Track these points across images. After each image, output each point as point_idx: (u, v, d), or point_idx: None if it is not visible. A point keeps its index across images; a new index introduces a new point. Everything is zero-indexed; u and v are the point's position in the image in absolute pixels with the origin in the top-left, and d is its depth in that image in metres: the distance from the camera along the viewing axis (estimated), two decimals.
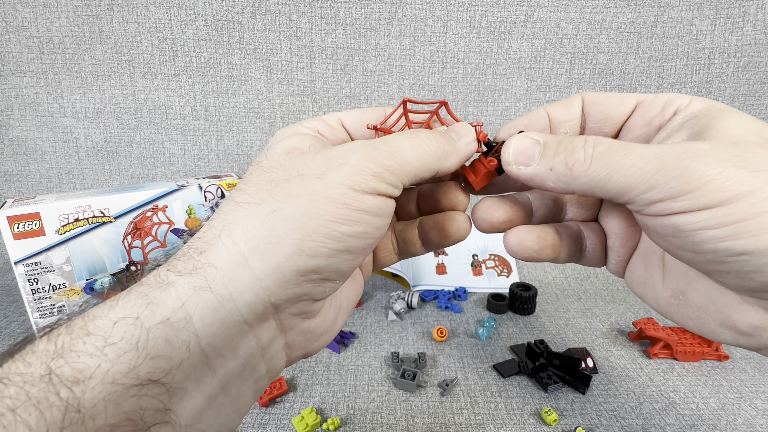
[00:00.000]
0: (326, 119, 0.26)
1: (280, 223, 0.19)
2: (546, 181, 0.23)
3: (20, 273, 0.49)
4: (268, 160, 0.22)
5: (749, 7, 0.76)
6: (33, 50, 0.76)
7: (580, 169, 0.21)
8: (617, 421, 0.44)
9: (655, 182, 0.19)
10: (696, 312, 0.22)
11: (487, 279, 0.73)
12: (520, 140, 0.24)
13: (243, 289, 0.19)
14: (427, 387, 0.48)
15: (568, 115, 0.26)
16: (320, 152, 0.21)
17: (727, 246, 0.18)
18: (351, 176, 0.20)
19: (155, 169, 0.81)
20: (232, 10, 0.75)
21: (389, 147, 0.22)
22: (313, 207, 0.19)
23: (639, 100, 0.25)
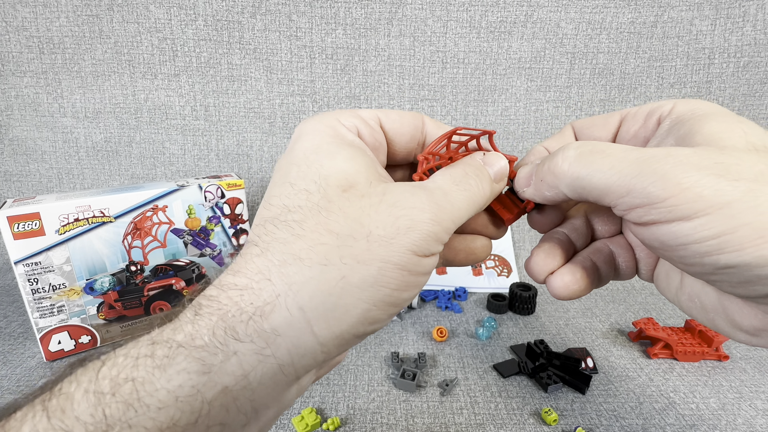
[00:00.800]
0: (365, 116, 0.24)
1: (349, 292, 0.19)
2: (543, 192, 0.23)
3: (20, 273, 0.49)
4: (321, 195, 0.20)
5: (749, 7, 0.76)
6: (33, 50, 0.76)
7: (559, 171, 0.22)
8: (617, 421, 0.44)
9: (632, 186, 0.19)
10: (710, 314, 0.23)
11: (487, 279, 0.73)
12: (523, 169, 0.26)
13: (304, 354, 0.19)
14: (427, 387, 0.48)
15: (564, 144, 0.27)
16: (384, 201, 0.20)
17: (712, 261, 0.17)
18: (418, 242, 0.20)
19: (155, 169, 0.81)
20: (232, 10, 0.75)
21: (451, 206, 0.21)
22: (382, 277, 0.19)
23: (623, 115, 0.26)
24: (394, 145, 0.26)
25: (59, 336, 0.52)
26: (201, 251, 0.60)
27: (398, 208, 0.20)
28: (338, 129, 0.23)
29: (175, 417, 0.16)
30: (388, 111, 0.25)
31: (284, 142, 0.82)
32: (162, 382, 0.16)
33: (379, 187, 0.21)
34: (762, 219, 0.16)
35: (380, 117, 0.25)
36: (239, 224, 0.62)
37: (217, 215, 0.60)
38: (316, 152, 0.21)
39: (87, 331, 0.54)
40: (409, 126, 0.25)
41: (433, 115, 0.81)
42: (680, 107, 0.23)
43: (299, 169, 0.21)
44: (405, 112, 0.26)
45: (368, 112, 0.25)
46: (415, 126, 0.26)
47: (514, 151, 0.83)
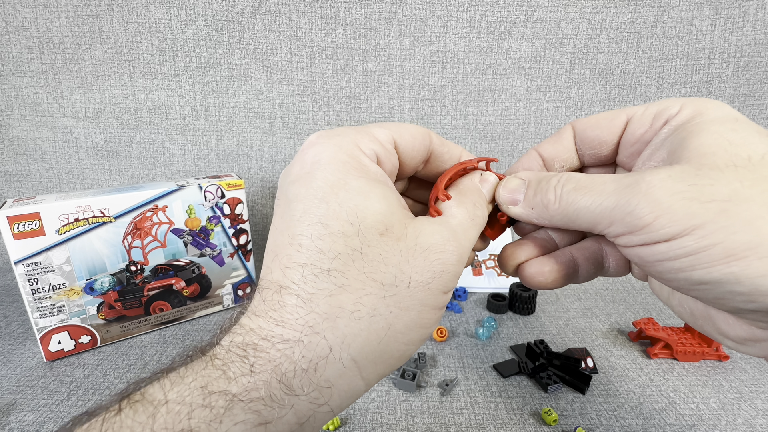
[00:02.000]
0: (382, 139, 0.23)
1: (394, 338, 0.20)
2: (531, 219, 0.24)
3: (20, 273, 0.49)
4: (360, 238, 0.20)
5: (749, 7, 0.76)
6: (33, 50, 0.76)
7: (552, 209, 0.23)
8: (617, 421, 0.44)
9: (614, 218, 0.20)
10: (699, 320, 0.23)
11: (487, 279, 0.73)
12: (509, 181, 0.26)
13: (353, 397, 0.20)
14: (427, 387, 0.48)
15: (560, 149, 0.27)
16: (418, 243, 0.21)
17: (685, 276, 0.18)
18: (448, 283, 0.21)
19: (155, 169, 0.81)
20: (232, 10, 0.75)
21: (469, 242, 0.23)
22: (422, 318, 0.21)
23: (629, 115, 0.25)
24: (404, 166, 0.26)
25: (59, 336, 0.52)
26: (201, 251, 0.60)
27: (431, 252, 0.21)
28: (361, 159, 0.22)
29: None
30: (401, 129, 0.25)
31: (284, 142, 0.82)
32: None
33: (411, 229, 0.21)
34: (733, 239, 0.17)
35: (395, 138, 0.24)
36: (239, 224, 0.62)
37: (217, 215, 0.60)
38: (345, 189, 0.20)
39: (87, 331, 0.54)
40: (421, 146, 0.26)
41: (433, 115, 0.81)
42: (686, 111, 0.22)
43: (329, 207, 0.20)
44: (416, 129, 0.25)
45: (383, 132, 0.24)
46: (424, 145, 0.26)
47: (514, 152, 0.83)
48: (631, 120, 0.25)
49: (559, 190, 0.22)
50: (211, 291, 0.62)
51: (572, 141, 0.27)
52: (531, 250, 0.27)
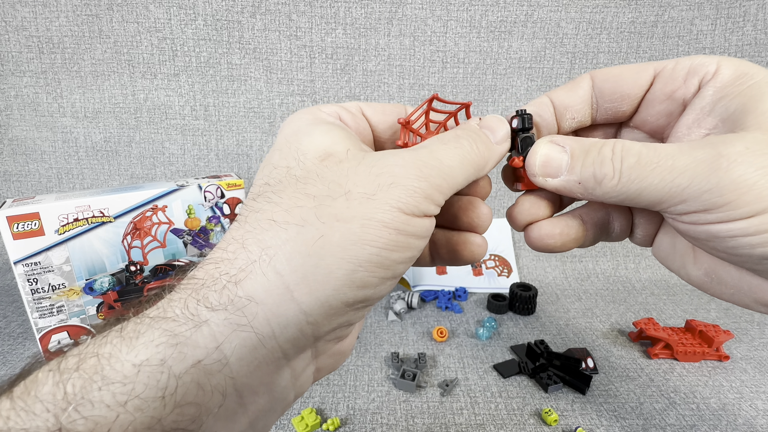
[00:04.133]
0: (347, 106, 0.24)
1: (329, 251, 0.17)
2: (574, 193, 0.22)
3: (20, 273, 0.49)
4: (300, 167, 0.20)
5: (750, 6, 0.75)
6: (32, 50, 0.76)
7: (609, 185, 0.20)
8: (617, 421, 0.44)
9: (687, 196, 0.18)
10: (730, 289, 0.22)
11: (487, 279, 0.73)
12: (546, 149, 0.23)
13: (287, 325, 0.17)
14: (427, 387, 0.48)
15: (574, 98, 0.25)
16: (363, 163, 0.19)
17: (763, 251, 0.17)
18: (403, 198, 0.18)
19: (155, 169, 0.81)
20: (232, 10, 0.75)
21: (439, 162, 0.20)
22: (365, 233, 0.18)
23: (657, 69, 0.23)
24: (378, 133, 0.25)
25: (59, 336, 0.52)
26: (201, 251, 0.60)
27: (378, 167, 0.19)
28: (318, 114, 0.22)
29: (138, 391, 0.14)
30: (370, 102, 0.25)
31: None
32: (128, 356, 0.15)
33: (359, 154, 0.20)
34: None
35: (362, 106, 0.24)
36: None
37: (216, 215, 0.60)
38: (296, 134, 0.21)
39: (87, 331, 0.54)
40: (392, 114, 0.25)
41: None
42: (725, 71, 0.21)
43: (281, 153, 0.21)
44: (386, 104, 0.25)
45: (350, 102, 0.24)
46: (397, 113, 0.25)
47: None
48: (659, 75, 0.23)
49: (618, 164, 0.20)
50: None
51: (589, 92, 0.25)
52: (545, 209, 0.25)
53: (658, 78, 0.23)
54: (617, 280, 0.74)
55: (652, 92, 0.23)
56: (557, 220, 0.25)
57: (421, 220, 0.19)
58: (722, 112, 0.20)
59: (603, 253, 0.79)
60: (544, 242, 0.24)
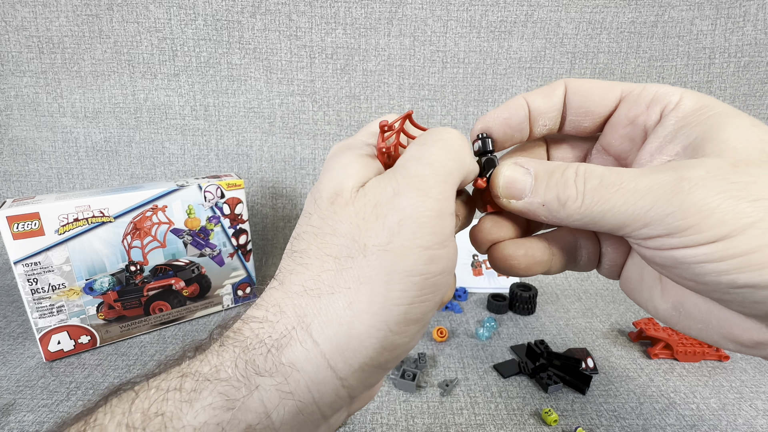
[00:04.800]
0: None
1: (359, 319, 0.17)
2: (538, 215, 0.22)
3: (20, 273, 0.49)
4: (316, 213, 0.19)
5: (750, 6, 0.75)
6: (32, 50, 0.76)
7: (572, 207, 0.20)
8: (617, 421, 0.44)
9: (649, 219, 0.18)
10: (698, 324, 0.22)
11: (487, 279, 0.73)
12: (510, 171, 0.22)
13: (325, 392, 0.18)
14: (427, 387, 0.48)
15: (549, 104, 0.24)
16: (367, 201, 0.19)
17: (730, 279, 0.17)
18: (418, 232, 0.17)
19: (155, 169, 0.81)
20: (232, 10, 0.75)
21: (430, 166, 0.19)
22: (391, 292, 0.17)
23: (624, 93, 0.23)
24: None
25: (59, 336, 0.52)
26: (201, 251, 0.60)
27: (382, 204, 0.18)
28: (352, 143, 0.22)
29: None
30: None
31: (284, 142, 0.82)
32: (188, 419, 0.16)
33: (362, 189, 0.19)
34: None
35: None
36: (239, 224, 0.62)
37: (216, 215, 0.60)
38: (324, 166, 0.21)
39: (86, 331, 0.54)
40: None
41: (433, 115, 0.81)
42: (687, 102, 0.21)
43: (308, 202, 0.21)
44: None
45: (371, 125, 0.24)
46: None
47: None
48: (625, 98, 0.23)
49: (581, 186, 0.20)
50: (210, 291, 0.62)
51: (562, 100, 0.24)
52: (507, 230, 0.25)
53: (623, 101, 0.23)
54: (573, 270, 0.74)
55: (617, 115, 0.23)
56: (521, 241, 0.24)
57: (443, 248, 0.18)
58: (684, 140, 0.20)
59: None
60: (507, 263, 0.24)
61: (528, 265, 0.24)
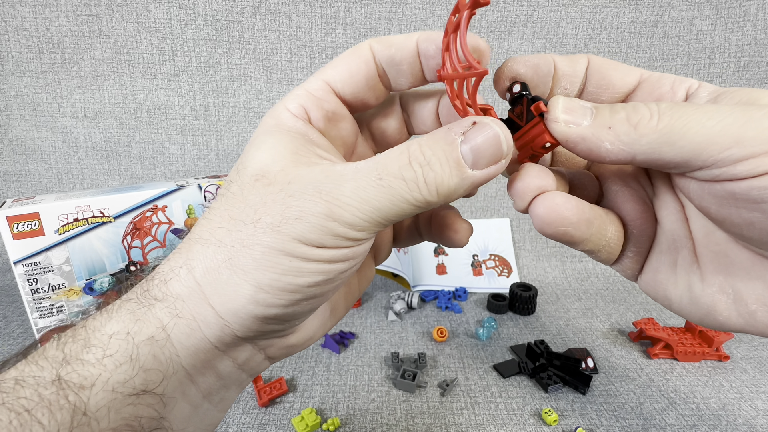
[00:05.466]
0: (312, 89, 0.23)
1: (235, 272, 0.19)
2: (602, 142, 0.19)
3: (20, 273, 0.49)
4: (237, 184, 0.21)
5: (750, 6, 0.75)
6: (32, 50, 0.76)
7: (647, 125, 0.18)
8: (617, 421, 0.44)
9: (742, 134, 0.16)
10: (753, 305, 0.19)
11: (487, 279, 0.73)
12: (570, 101, 0.20)
13: (208, 323, 0.19)
14: (427, 387, 0.48)
15: (573, 70, 0.23)
16: (286, 189, 0.19)
17: None
18: (306, 234, 0.19)
19: (155, 168, 0.81)
20: (232, 10, 0.75)
21: (358, 204, 0.19)
22: (265, 259, 0.19)
23: (643, 76, 0.22)
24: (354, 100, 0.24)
25: None
26: None
27: (294, 198, 0.19)
28: (281, 118, 0.22)
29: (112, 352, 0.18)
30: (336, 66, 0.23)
31: None
32: (105, 328, 0.19)
33: (290, 175, 0.20)
34: None
35: (328, 81, 0.23)
36: None
37: None
38: (252, 143, 0.22)
39: None
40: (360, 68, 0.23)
41: None
42: (708, 87, 0.21)
43: (236, 164, 0.22)
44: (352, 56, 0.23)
45: (314, 80, 0.23)
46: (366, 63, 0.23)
47: None
48: (646, 80, 0.22)
49: (654, 107, 0.18)
50: None
51: (584, 71, 0.23)
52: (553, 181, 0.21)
53: (644, 83, 0.22)
54: (617, 280, 0.74)
55: (639, 94, 0.22)
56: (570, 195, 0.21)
57: (324, 251, 0.19)
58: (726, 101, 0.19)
59: None
60: (560, 213, 0.20)
61: (579, 220, 0.20)
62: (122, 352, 0.18)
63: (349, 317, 0.62)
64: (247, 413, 0.44)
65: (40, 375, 0.17)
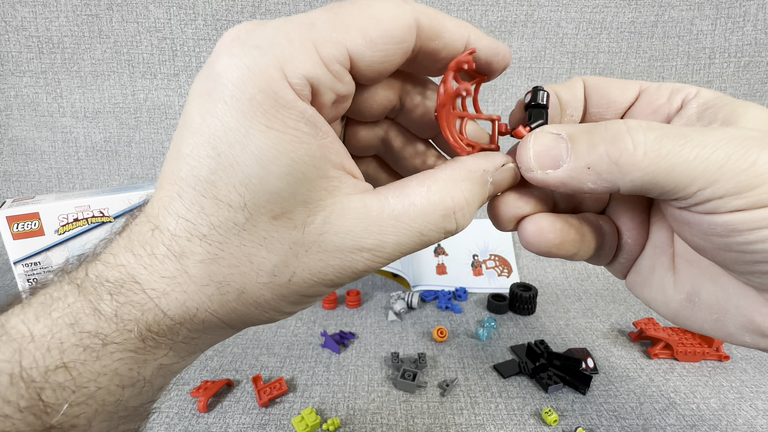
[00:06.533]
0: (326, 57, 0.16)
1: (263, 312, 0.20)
2: (584, 183, 0.18)
3: (19, 273, 0.49)
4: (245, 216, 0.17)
5: (750, 6, 0.75)
6: (32, 50, 0.76)
7: (630, 162, 0.17)
8: (618, 421, 0.44)
9: (720, 175, 0.16)
10: (714, 314, 0.21)
11: (487, 279, 0.73)
12: (539, 138, 0.20)
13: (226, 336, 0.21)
14: (427, 387, 0.48)
15: (572, 96, 0.23)
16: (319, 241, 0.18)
17: None
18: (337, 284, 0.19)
19: (155, 168, 0.81)
20: (232, 10, 0.75)
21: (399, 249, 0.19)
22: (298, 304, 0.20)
23: (642, 87, 0.23)
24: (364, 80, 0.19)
25: None
26: None
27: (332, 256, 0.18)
28: (280, 96, 0.16)
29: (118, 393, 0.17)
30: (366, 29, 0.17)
31: None
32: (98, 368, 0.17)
33: (318, 221, 0.17)
34: None
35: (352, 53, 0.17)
36: None
37: None
38: (243, 146, 0.16)
39: None
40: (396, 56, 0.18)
41: None
42: (706, 94, 0.21)
43: (219, 163, 0.16)
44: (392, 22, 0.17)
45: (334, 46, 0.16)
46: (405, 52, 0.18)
47: None
48: (645, 91, 0.23)
49: (640, 137, 0.17)
50: None
51: (583, 93, 0.23)
52: (535, 204, 0.22)
53: (643, 94, 0.23)
54: (617, 280, 0.74)
55: (637, 106, 0.23)
56: (555, 216, 0.22)
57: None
58: (709, 118, 0.20)
59: None
60: (545, 237, 0.21)
61: (562, 242, 0.21)
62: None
63: (349, 317, 0.62)
64: (247, 413, 0.44)
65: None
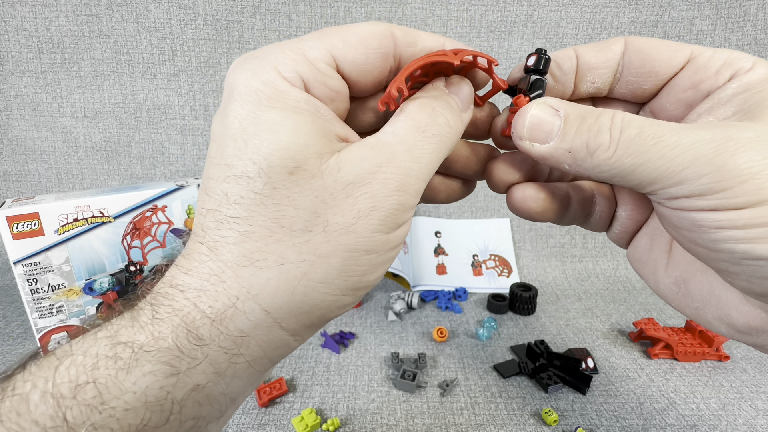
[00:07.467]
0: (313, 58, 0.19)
1: (313, 288, 0.18)
2: (561, 163, 0.20)
3: (19, 273, 0.49)
4: (263, 181, 0.17)
5: (750, 6, 0.75)
6: (32, 50, 0.76)
7: (602, 157, 0.18)
8: (618, 421, 0.44)
9: (684, 177, 0.17)
10: (695, 303, 0.21)
11: (487, 279, 0.73)
12: (538, 110, 0.20)
13: (278, 347, 0.19)
14: (427, 387, 0.48)
15: (602, 59, 0.22)
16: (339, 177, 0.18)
17: (745, 249, 0.16)
18: (385, 220, 0.18)
19: (154, 168, 0.81)
20: (232, 10, 0.75)
21: (418, 164, 0.19)
22: (350, 266, 0.18)
23: (694, 54, 0.21)
24: (357, 84, 0.21)
25: (58, 336, 0.52)
26: None
27: (356, 186, 0.18)
28: (278, 86, 0.18)
29: (146, 418, 0.16)
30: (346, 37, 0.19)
31: None
32: (127, 385, 0.16)
33: (332, 162, 0.18)
34: None
35: (335, 55, 0.19)
36: None
37: None
38: (254, 123, 0.18)
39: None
40: (376, 57, 0.20)
41: None
42: (759, 70, 0.20)
43: (236, 145, 0.18)
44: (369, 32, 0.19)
45: (317, 48, 0.19)
46: (381, 54, 0.20)
47: None
48: (693, 61, 0.21)
49: (616, 134, 0.18)
50: None
51: (619, 57, 0.22)
52: (525, 172, 0.24)
53: (690, 63, 0.21)
54: (617, 280, 0.74)
55: (680, 77, 0.22)
56: (543, 186, 0.23)
57: (399, 230, 0.19)
58: (740, 104, 0.19)
59: (603, 253, 0.79)
60: (528, 204, 0.23)
61: (545, 209, 0.23)
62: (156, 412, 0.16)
63: (349, 317, 0.62)
64: (247, 413, 0.44)
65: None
